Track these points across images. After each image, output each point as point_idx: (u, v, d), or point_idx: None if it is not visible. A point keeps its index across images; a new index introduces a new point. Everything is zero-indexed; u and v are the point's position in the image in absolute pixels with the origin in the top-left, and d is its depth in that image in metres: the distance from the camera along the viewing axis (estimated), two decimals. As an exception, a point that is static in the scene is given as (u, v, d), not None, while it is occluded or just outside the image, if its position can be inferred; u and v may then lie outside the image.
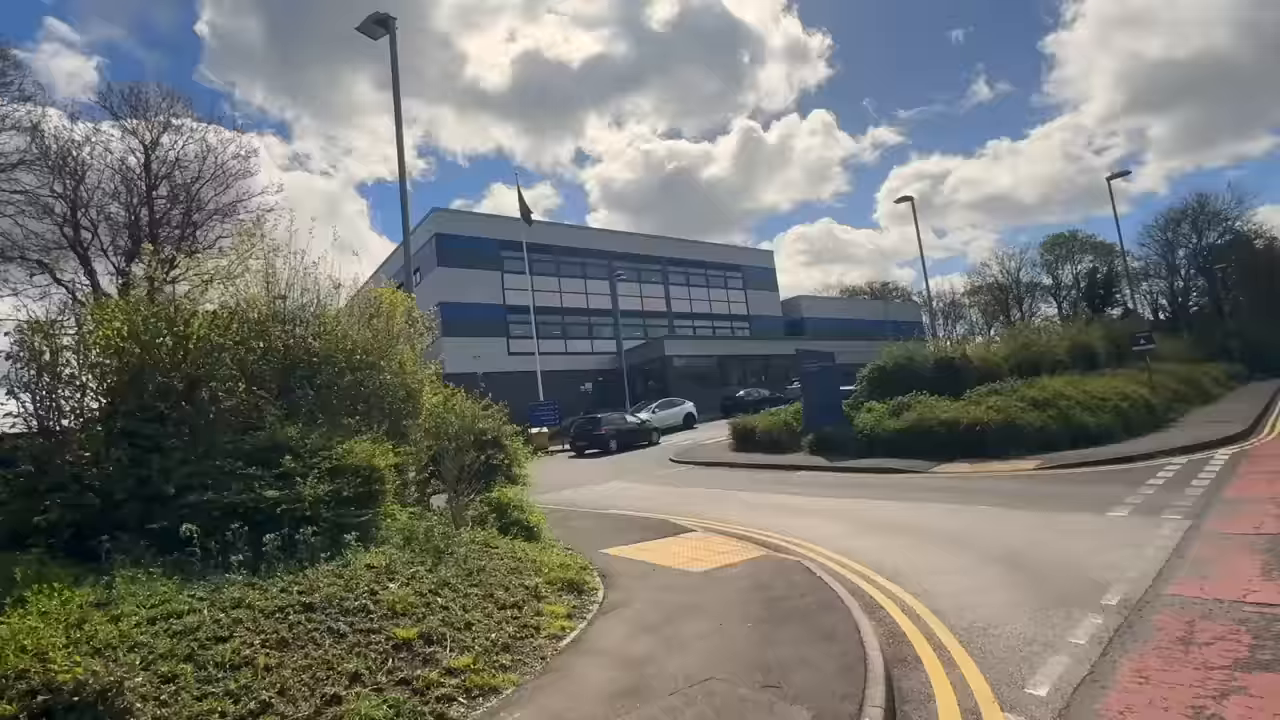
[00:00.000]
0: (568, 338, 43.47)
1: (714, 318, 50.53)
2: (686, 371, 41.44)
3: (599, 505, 12.31)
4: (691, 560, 7.16)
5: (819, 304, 59.61)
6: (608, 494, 14.14)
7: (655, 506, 11.65)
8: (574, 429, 25.75)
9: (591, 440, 24.81)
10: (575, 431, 25.47)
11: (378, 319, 7.92)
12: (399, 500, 7.17)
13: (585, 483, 16.26)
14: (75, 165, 28.36)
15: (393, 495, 6.63)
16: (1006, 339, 24.34)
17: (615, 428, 25.22)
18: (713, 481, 14.83)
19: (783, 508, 10.75)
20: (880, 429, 16.05)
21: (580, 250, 44.71)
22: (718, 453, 19.90)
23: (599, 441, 24.66)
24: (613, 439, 24.63)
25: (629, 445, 24.89)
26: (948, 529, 8.05)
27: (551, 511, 11.31)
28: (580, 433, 25.22)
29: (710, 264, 51.25)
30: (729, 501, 11.83)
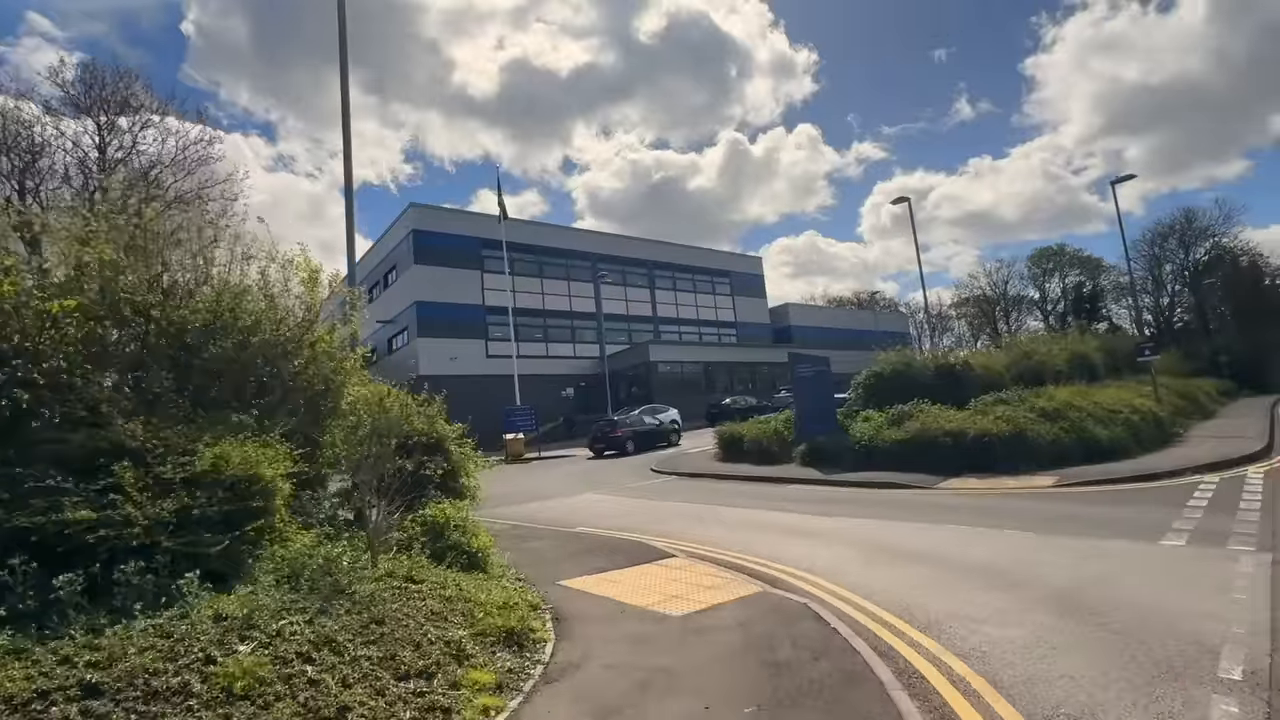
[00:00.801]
0: (549, 341, 41.98)
1: (700, 324, 49.28)
2: (671, 378, 40.09)
3: (566, 522, 10.86)
4: (669, 598, 5.76)
5: (807, 312, 58.63)
6: (577, 508, 12.69)
7: (630, 524, 10.22)
8: (593, 431, 25.91)
9: (609, 442, 24.49)
10: (594, 433, 25.63)
11: (286, 295, 6.45)
12: (308, 520, 5.73)
13: (554, 495, 14.79)
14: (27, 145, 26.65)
15: (286, 513, 5.17)
16: (1006, 348, 23.24)
17: (632, 429, 24.99)
18: (696, 495, 13.44)
19: (776, 528, 9.37)
20: (879, 439, 14.76)
21: (564, 251, 43.31)
22: (703, 463, 18.52)
23: (615, 443, 24.34)
24: (630, 440, 24.32)
25: (648, 446, 24.48)
26: (976, 559, 6.72)
27: (510, 530, 9.88)
28: (598, 434, 25.14)
29: (697, 269, 50.05)
30: (714, 520, 10.44)
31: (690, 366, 41.93)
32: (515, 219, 46.82)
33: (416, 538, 6.13)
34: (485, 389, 34.81)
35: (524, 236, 41.57)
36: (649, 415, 30.00)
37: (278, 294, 6.35)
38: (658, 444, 24.83)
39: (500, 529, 9.98)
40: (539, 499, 14.19)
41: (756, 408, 31.32)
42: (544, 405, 37.05)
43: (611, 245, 45.99)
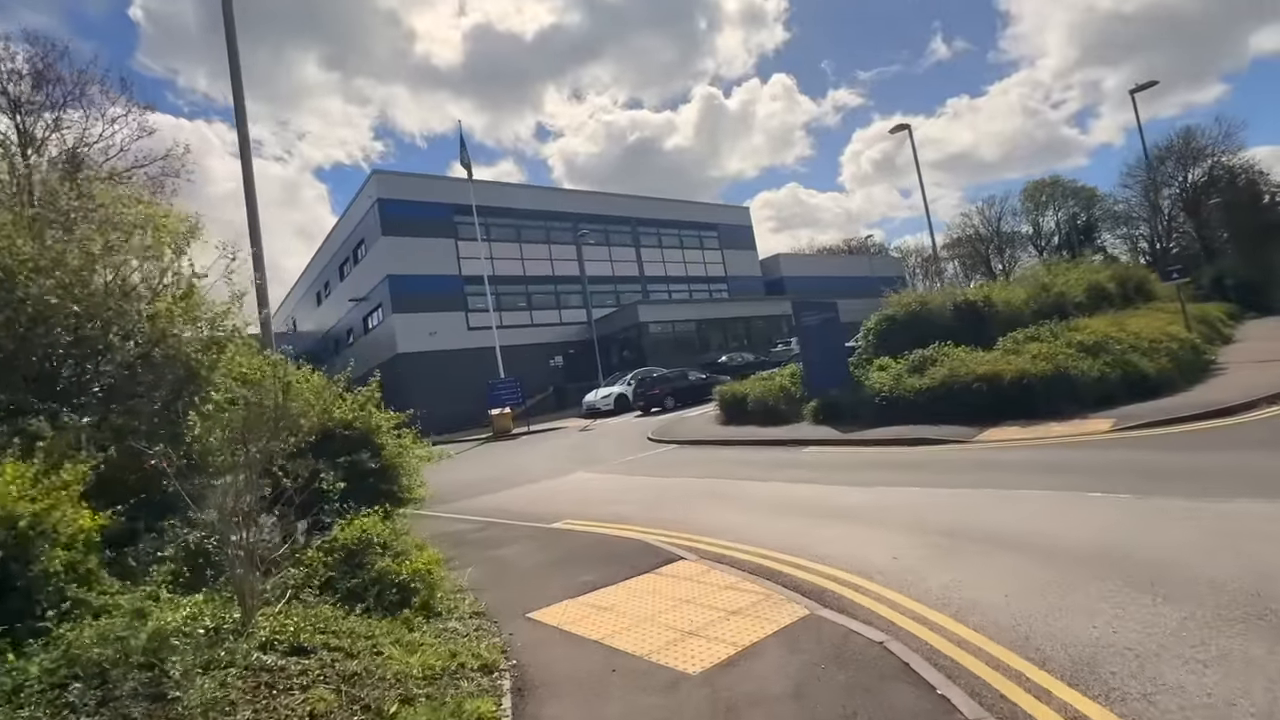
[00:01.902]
0: (533, 308, 39.99)
1: (690, 280, 47.31)
2: (663, 339, 38.31)
3: (549, 512, 9.18)
4: (681, 636, 4.09)
5: (799, 262, 56.66)
6: (565, 492, 11.03)
7: (626, 513, 8.55)
8: (635, 389, 26.35)
9: (649, 400, 24.43)
10: (635, 391, 26.25)
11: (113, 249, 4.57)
12: (147, 566, 3.99)
13: (540, 475, 13.11)
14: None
15: (98, 565, 3.42)
16: (1022, 281, 21.51)
17: (671, 385, 24.97)
18: (701, 467, 11.79)
19: (801, 506, 7.73)
20: (900, 390, 13.08)
21: (542, 213, 41.00)
22: (704, 428, 16.88)
23: (655, 400, 24.20)
24: (669, 396, 24.14)
25: (692, 401, 23.75)
26: (1083, 540, 5.07)
27: (478, 532, 8.19)
28: (639, 393, 25.57)
29: (683, 223, 47.85)
30: (724, 498, 8.78)
31: (682, 325, 40.12)
32: (487, 181, 44.31)
33: (317, 575, 4.40)
34: (469, 363, 33.01)
35: (498, 199, 39.23)
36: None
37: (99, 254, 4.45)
38: (704, 398, 23.05)
39: (467, 530, 8.32)
40: (522, 482, 12.51)
41: (755, 364, 29.69)
42: (532, 376, 35.28)
43: (592, 204, 43.66)
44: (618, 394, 27.00)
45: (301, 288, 51.64)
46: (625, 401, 26.92)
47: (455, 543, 7.52)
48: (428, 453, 7.13)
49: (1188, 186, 61.65)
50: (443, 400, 33.66)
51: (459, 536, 7.90)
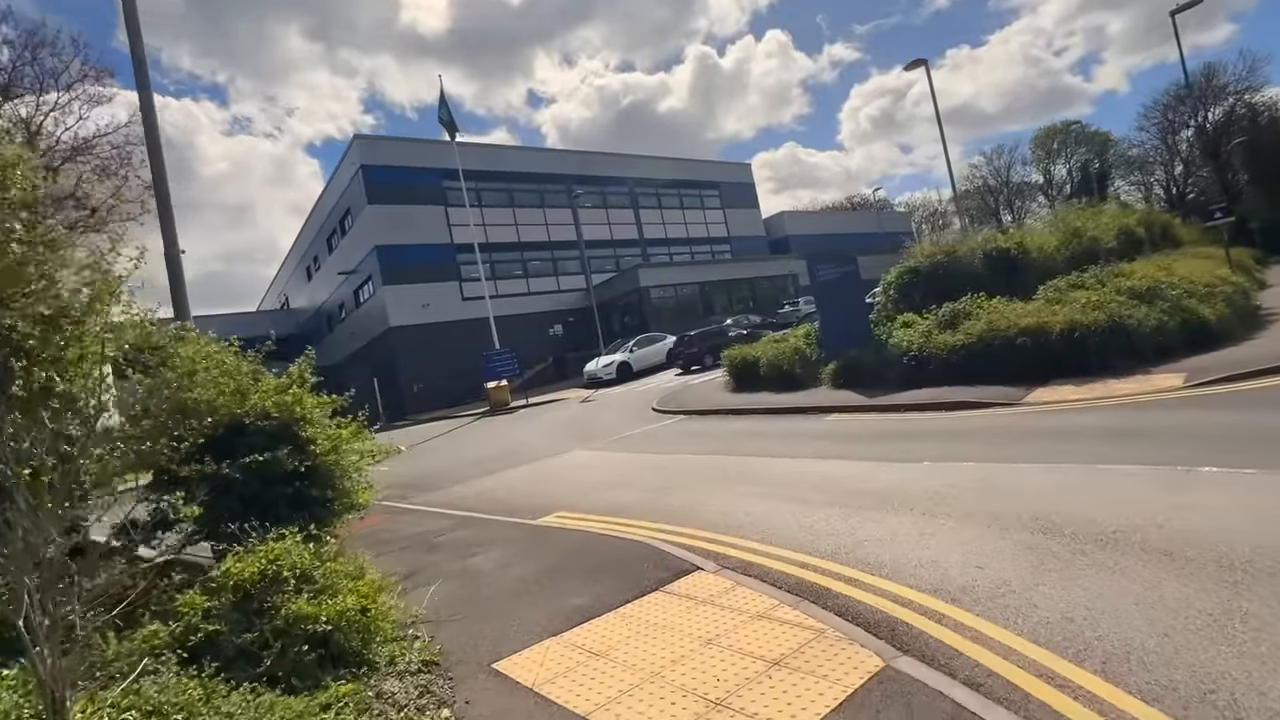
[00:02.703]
0: (530, 276, 38.53)
1: (692, 242, 45.63)
2: (665, 303, 36.88)
3: (540, 502, 7.98)
4: (706, 710, 2.86)
5: (803, 220, 54.76)
6: (559, 476, 9.82)
7: (628, 501, 7.32)
8: (673, 350, 25.74)
9: (689, 359, 23.86)
10: (672, 352, 25.76)
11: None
12: None
13: (534, 455, 11.91)
14: None
15: None
16: (1051, 223, 19.95)
17: (710, 342, 23.64)
18: (711, 441, 10.54)
19: (835, 488, 6.47)
20: (931, 348, 11.75)
21: (535, 176, 39.25)
22: (712, 396, 15.62)
23: (694, 359, 23.58)
24: (708, 354, 22.91)
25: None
26: (1252, 539, 3.82)
27: (451, 531, 6.95)
28: (678, 351, 25.02)
29: (683, 182, 45.95)
30: (743, 480, 7.53)
31: (685, 289, 38.63)
32: (476, 143, 42.35)
33: (201, 625, 3.16)
34: (464, 335, 31.72)
35: (489, 163, 37.44)
36: (641, 346, 27.12)
37: None
38: None
39: (441, 529, 7.10)
40: (514, 463, 11.31)
41: (762, 326, 28.33)
42: (530, 346, 34.01)
43: (587, 165, 41.79)
44: (620, 362, 25.73)
45: (292, 263, 50.12)
46: (628, 370, 25.68)
47: (425, 547, 6.33)
48: (373, 447, 5.84)
49: (1206, 127, 59.15)
50: (439, 374, 32.54)
51: (430, 539, 6.69)
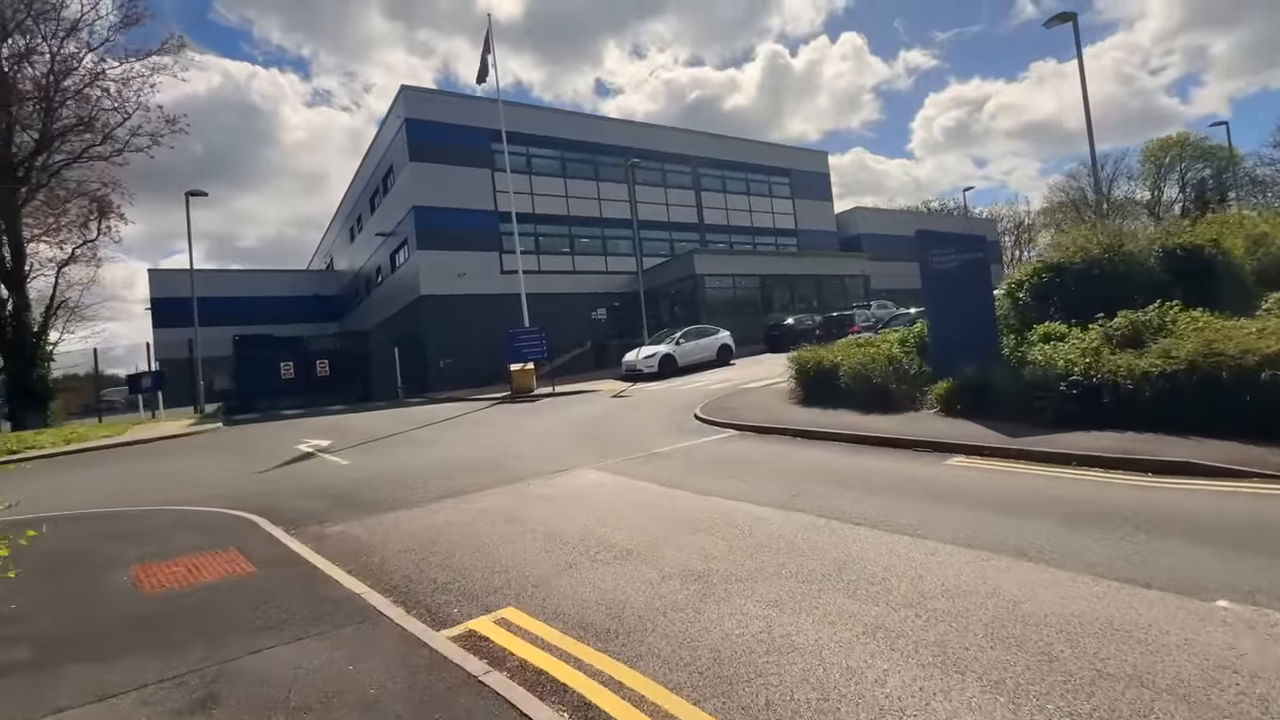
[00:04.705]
0: (576, 253, 35.61)
1: (755, 231, 41.92)
2: (721, 294, 33.40)
3: (489, 571, 4.86)
4: None
5: (879, 218, 50.07)
6: (549, 511, 6.64)
7: (635, 600, 4.12)
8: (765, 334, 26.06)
9: (773, 344, 23.54)
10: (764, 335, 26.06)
11: None
12: None
13: (529, 470, 8.76)
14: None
15: None
16: (1227, 226, 15.74)
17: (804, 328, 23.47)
18: (776, 484, 7.18)
19: (1055, 641, 3.12)
20: (1104, 371, 8.10)
21: (591, 145, 36.23)
22: (773, 407, 12.22)
23: (777, 344, 23.04)
24: (791, 344, 21.56)
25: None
26: None
27: (308, 625, 3.82)
28: (766, 336, 25.50)
29: (752, 166, 42.22)
30: (840, 582, 4.20)
31: (743, 281, 35.02)
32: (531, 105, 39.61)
33: None
34: (500, 311, 28.87)
35: (542, 126, 34.60)
36: (689, 339, 23.81)
37: None
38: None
39: (249, 655, 3.99)
40: (494, 479, 8.21)
41: (836, 323, 24.59)
42: (570, 329, 31.13)
43: (649, 138, 38.52)
44: (663, 355, 22.47)
45: (338, 223, 48.58)
46: (671, 364, 22.41)
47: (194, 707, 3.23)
48: None
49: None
50: (470, 350, 29.89)
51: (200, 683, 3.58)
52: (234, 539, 5.93)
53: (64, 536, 6.40)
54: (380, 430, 15.00)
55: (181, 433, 18.35)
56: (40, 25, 25.03)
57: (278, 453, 12.60)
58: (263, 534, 6.13)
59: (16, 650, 3.65)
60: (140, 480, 10.66)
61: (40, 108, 24.77)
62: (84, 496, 9.33)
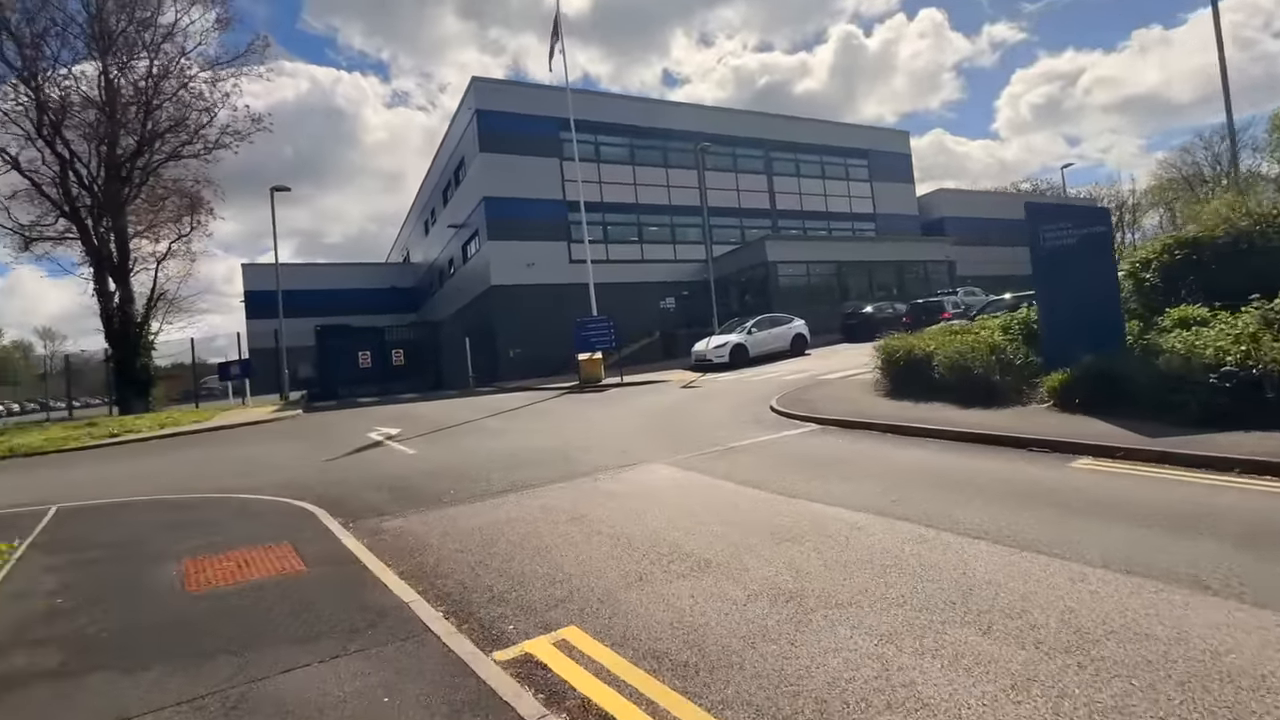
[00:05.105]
0: (644, 242, 35.05)
1: (831, 216, 40.21)
2: (794, 282, 32.16)
3: (550, 580, 4.36)
4: None
5: (963, 200, 47.04)
6: (616, 511, 6.10)
7: (716, 622, 3.52)
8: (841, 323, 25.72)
9: (850, 333, 23.51)
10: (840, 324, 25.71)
11: None
12: None
13: (596, 464, 8.26)
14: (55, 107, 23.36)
15: None
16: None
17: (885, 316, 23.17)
18: (870, 485, 6.39)
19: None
20: (1272, 362, 6.85)
21: (660, 131, 35.50)
22: (857, 399, 11.31)
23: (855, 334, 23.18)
24: (870, 334, 21.80)
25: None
26: None
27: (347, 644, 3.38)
28: (842, 325, 25.22)
29: (827, 148, 40.46)
30: (969, 613, 3.46)
31: (818, 268, 33.60)
32: (600, 92, 39.29)
33: None
34: (568, 300, 28.69)
35: (610, 114, 34.15)
36: (762, 328, 22.88)
37: None
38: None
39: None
40: (559, 473, 7.75)
41: (923, 309, 23.07)
42: (638, 318, 30.68)
43: (719, 122, 37.44)
44: (734, 344, 21.66)
45: (413, 217, 49.84)
46: (743, 353, 21.57)
47: None
48: None
49: None
50: (540, 340, 29.89)
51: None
52: (289, 532, 5.67)
53: (128, 524, 6.35)
54: (449, 419, 14.93)
55: (264, 419, 18.97)
56: (141, 34, 26.48)
57: (348, 440, 12.65)
58: (320, 527, 5.87)
59: (48, 654, 3.38)
60: (216, 465, 10.85)
61: (140, 111, 26.20)
62: (161, 481, 9.50)
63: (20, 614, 4.03)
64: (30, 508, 7.32)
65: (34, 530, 6.06)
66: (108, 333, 26.40)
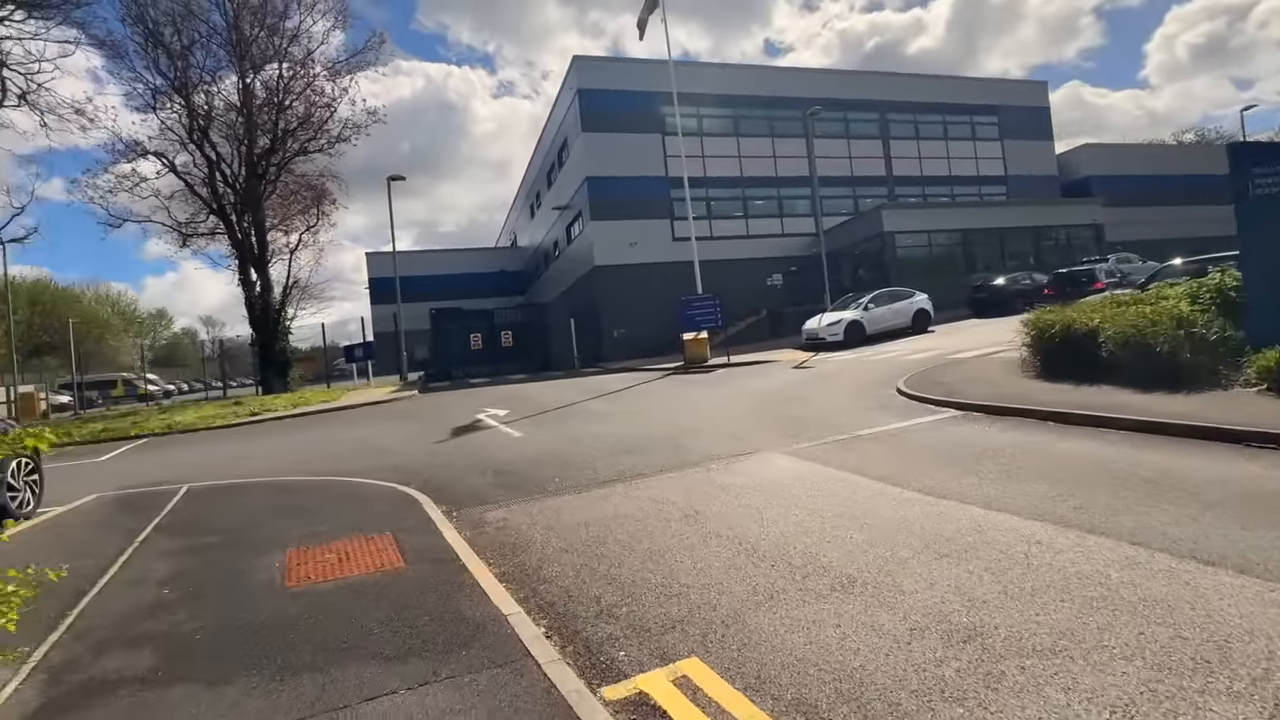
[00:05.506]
0: (750, 216, 33.78)
1: (954, 181, 37.04)
2: (914, 253, 29.89)
3: (666, 593, 3.79)
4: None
5: (1113, 157, 41.75)
6: (735, 507, 5.44)
7: (879, 666, 2.80)
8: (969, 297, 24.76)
9: (978, 308, 23.21)
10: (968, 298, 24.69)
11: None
12: None
13: (706, 452, 7.62)
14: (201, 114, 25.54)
15: None
16: None
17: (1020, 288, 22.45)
18: (1039, 485, 5.34)
19: None
20: None
21: (765, 99, 33.91)
22: (1000, 380, 9.97)
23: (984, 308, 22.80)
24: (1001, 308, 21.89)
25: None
26: None
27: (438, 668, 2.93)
28: (970, 299, 24.37)
29: (950, 106, 37.18)
30: (1231, 690, 2.55)
31: (940, 237, 31.01)
32: (703, 62, 37.98)
33: None
34: (672, 279, 28.11)
35: (713, 84, 32.93)
36: (879, 304, 21.26)
37: None
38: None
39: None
40: (669, 463, 7.17)
41: (1069, 279, 20.58)
42: (744, 296, 29.65)
43: (829, 85, 35.25)
44: (849, 321, 20.26)
45: (519, 201, 50.94)
46: (859, 331, 20.14)
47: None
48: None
49: None
50: (644, 320, 29.60)
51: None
52: (392, 522, 5.47)
53: (244, 508, 6.44)
54: (555, 400, 14.82)
55: (383, 399, 19.83)
56: (271, 38, 28.24)
57: (457, 421, 12.77)
58: (422, 517, 5.64)
59: (141, 656, 3.22)
60: (333, 446, 11.20)
61: (273, 111, 28.03)
62: (282, 462, 9.87)
63: (130, 604, 3.97)
64: (167, 486, 7.70)
65: (162, 511, 6.26)
66: (251, 319, 28.70)
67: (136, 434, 15.83)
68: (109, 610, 3.89)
